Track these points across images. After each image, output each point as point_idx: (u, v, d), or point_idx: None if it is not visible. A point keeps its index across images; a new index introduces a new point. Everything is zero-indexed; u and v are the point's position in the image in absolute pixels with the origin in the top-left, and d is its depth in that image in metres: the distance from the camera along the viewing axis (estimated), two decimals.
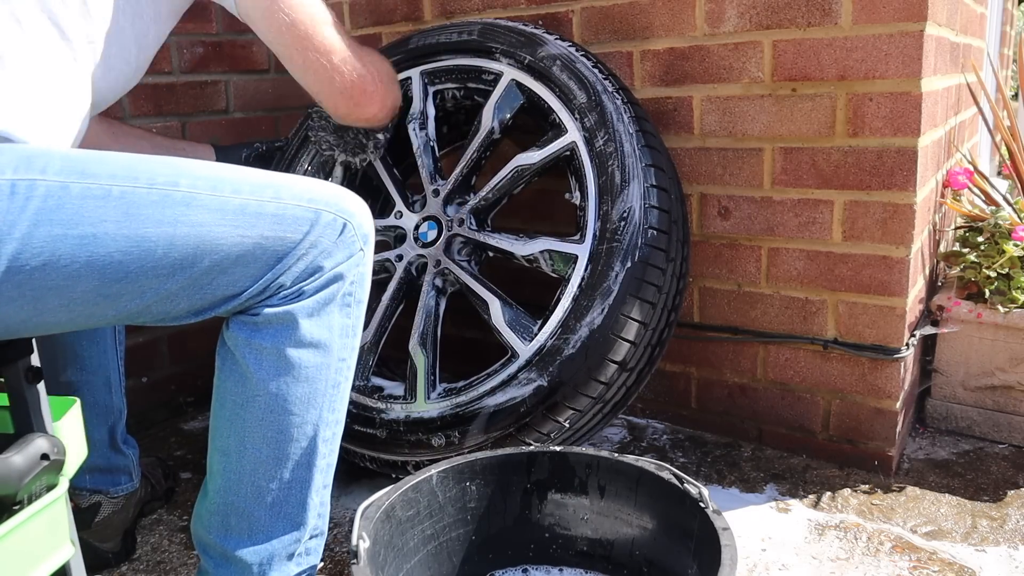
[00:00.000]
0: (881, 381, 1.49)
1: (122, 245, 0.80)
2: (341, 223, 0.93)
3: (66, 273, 0.78)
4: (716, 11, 1.51)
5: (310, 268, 0.92)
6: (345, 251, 0.94)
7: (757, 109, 1.51)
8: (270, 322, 0.91)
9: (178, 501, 1.49)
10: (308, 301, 0.92)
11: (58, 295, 0.79)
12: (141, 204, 0.81)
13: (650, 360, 1.39)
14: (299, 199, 0.91)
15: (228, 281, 0.88)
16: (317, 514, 1.01)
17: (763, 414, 1.63)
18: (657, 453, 1.62)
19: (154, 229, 0.82)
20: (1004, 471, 1.50)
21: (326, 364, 0.95)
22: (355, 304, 0.98)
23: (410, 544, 1.09)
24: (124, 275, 0.81)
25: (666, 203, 1.34)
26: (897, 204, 1.41)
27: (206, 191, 0.86)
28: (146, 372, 1.83)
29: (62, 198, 0.78)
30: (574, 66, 1.42)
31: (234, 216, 0.86)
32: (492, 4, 1.77)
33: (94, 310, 0.83)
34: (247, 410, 0.94)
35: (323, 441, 0.98)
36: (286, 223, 0.89)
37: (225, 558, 0.97)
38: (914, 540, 1.30)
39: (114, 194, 0.80)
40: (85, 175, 0.80)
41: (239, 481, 0.95)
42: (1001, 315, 1.56)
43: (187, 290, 0.86)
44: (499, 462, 1.15)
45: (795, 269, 1.53)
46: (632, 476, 1.12)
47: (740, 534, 1.32)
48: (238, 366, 0.93)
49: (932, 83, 1.43)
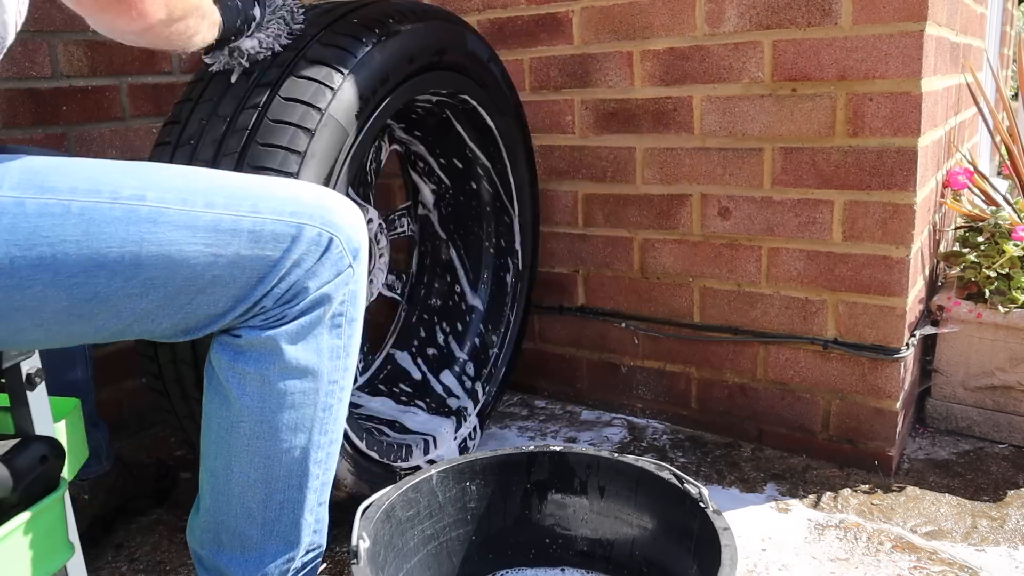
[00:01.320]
0: (881, 381, 1.49)
1: (85, 265, 0.74)
2: (327, 238, 0.86)
3: (30, 295, 0.73)
4: (716, 11, 1.51)
5: (293, 290, 0.85)
6: (331, 269, 0.87)
7: (757, 109, 1.51)
8: (253, 346, 0.86)
9: (178, 501, 1.49)
10: (291, 325, 0.86)
11: (28, 315, 0.74)
12: (102, 221, 0.75)
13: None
14: (279, 212, 0.84)
15: (208, 301, 0.82)
16: (312, 531, 0.97)
17: (763, 414, 1.63)
18: (657, 453, 1.62)
19: (117, 248, 0.75)
20: (1004, 471, 1.50)
21: (315, 389, 0.90)
22: (347, 324, 0.91)
23: (410, 544, 1.09)
24: (93, 295, 0.76)
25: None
26: (897, 204, 1.41)
27: (175, 205, 0.79)
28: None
29: (16, 216, 0.72)
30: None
31: (205, 233, 0.79)
32: (492, 4, 1.77)
33: (72, 329, 0.78)
34: (232, 434, 0.89)
35: (315, 463, 0.93)
36: (264, 240, 0.82)
37: (219, 571, 0.95)
38: (914, 540, 1.30)
39: (73, 210, 0.74)
40: (43, 189, 0.74)
41: (227, 502, 0.92)
42: (1001, 315, 1.56)
43: (164, 309, 0.81)
44: (499, 462, 1.15)
45: (795, 269, 1.53)
46: (632, 476, 1.12)
47: (740, 534, 1.32)
48: (222, 388, 0.88)
49: (932, 83, 1.43)
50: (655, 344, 1.73)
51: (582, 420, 1.79)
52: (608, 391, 1.82)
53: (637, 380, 1.78)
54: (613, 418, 1.79)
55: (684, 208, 1.63)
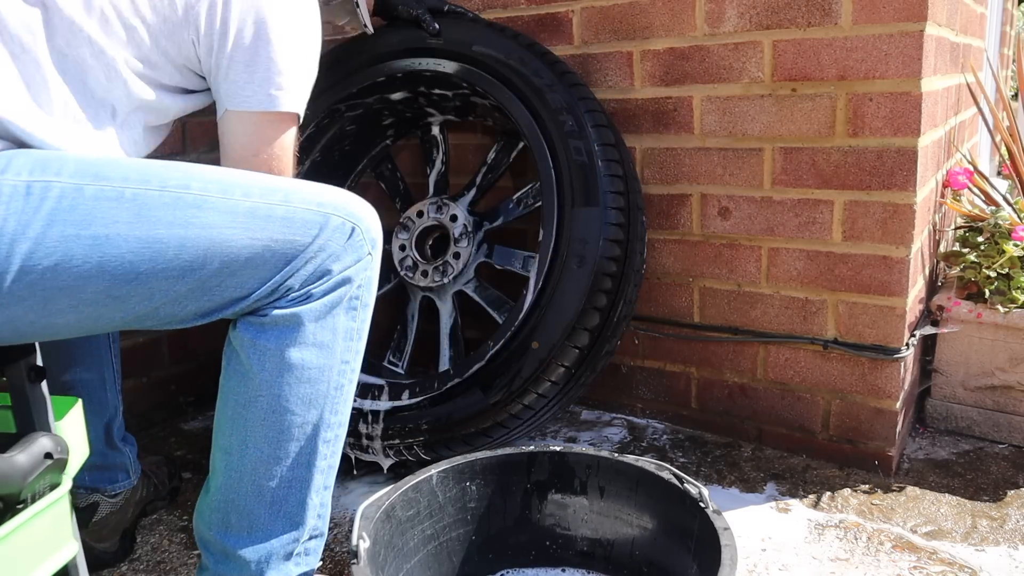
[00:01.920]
0: (881, 381, 1.49)
1: (133, 246, 0.82)
2: (350, 227, 0.94)
3: (77, 274, 0.80)
4: (716, 11, 1.51)
5: (319, 271, 0.93)
6: (354, 255, 0.95)
7: (757, 109, 1.51)
8: (276, 323, 0.92)
9: (178, 501, 1.49)
10: (315, 304, 0.93)
11: (68, 296, 0.80)
12: (153, 206, 0.83)
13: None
14: (308, 203, 0.92)
15: (236, 283, 0.89)
16: (317, 515, 1.01)
17: (763, 414, 1.63)
18: (657, 453, 1.62)
19: (165, 231, 0.83)
20: (1004, 471, 1.50)
21: (328, 366, 0.96)
22: (361, 308, 0.99)
23: (410, 544, 1.09)
24: (135, 276, 0.82)
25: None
26: (897, 204, 1.41)
27: (217, 194, 0.87)
28: (146, 372, 1.83)
29: (76, 199, 0.80)
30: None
31: (244, 219, 0.88)
32: (492, 4, 1.77)
33: (102, 312, 0.84)
34: (249, 409, 0.95)
35: (324, 442, 0.99)
36: (295, 226, 0.91)
37: (225, 555, 0.98)
38: (914, 540, 1.30)
39: (127, 196, 0.82)
40: (99, 177, 0.82)
41: (240, 479, 0.96)
42: (1001, 315, 1.56)
43: (195, 292, 0.87)
44: (499, 462, 1.15)
45: (795, 269, 1.53)
46: (632, 476, 1.12)
47: (740, 534, 1.32)
48: (242, 366, 0.94)
49: (932, 83, 1.43)
50: (655, 344, 1.73)
51: (582, 420, 1.79)
52: (608, 391, 1.82)
53: (637, 380, 1.78)
54: (613, 418, 1.79)
55: (684, 208, 1.63)
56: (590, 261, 1.35)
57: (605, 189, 1.37)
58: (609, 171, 1.39)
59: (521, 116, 1.45)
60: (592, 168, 1.38)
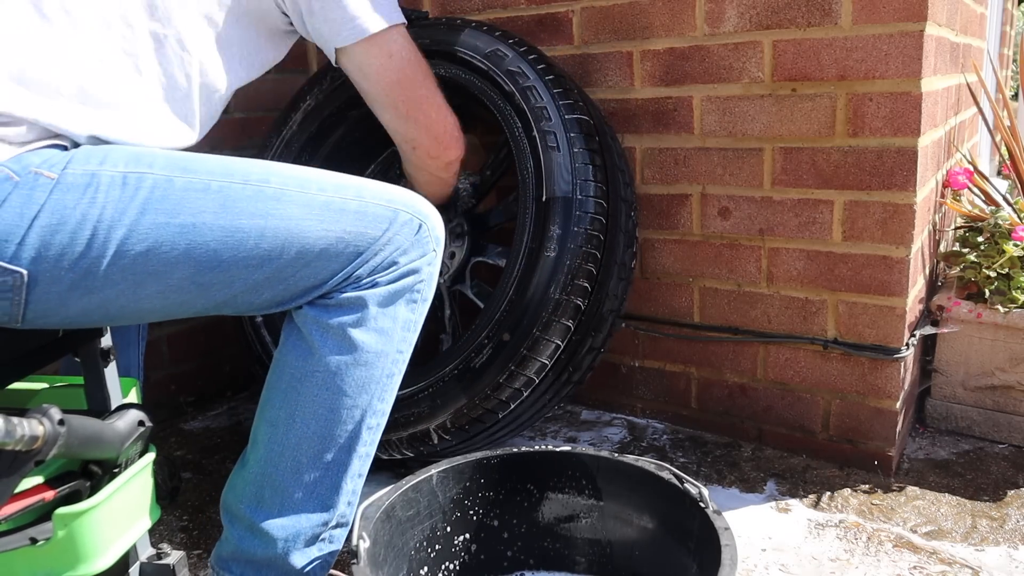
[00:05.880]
0: (881, 381, 1.49)
1: (218, 235, 0.87)
2: (417, 223, 0.99)
3: (166, 260, 0.85)
4: (716, 11, 1.51)
5: (386, 262, 0.97)
6: (420, 249, 1.00)
7: (757, 109, 1.51)
8: (341, 305, 0.96)
9: (178, 501, 1.49)
10: (381, 290, 0.97)
11: (156, 281, 0.86)
12: (237, 198, 0.89)
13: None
14: (379, 199, 0.97)
15: (310, 273, 0.93)
16: (347, 501, 1.03)
17: (763, 414, 1.63)
18: (657, 453, 1.62)
19: (247, 221, 0.88)
20: (1004, 471, 1.50)
21: (385, 352, 0.99)
22: (420, 301, 1.02)
23: (410, 544, 1.09)
24: (217, 264, 0.88)
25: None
26: (897, 204, 1.41)
27: (295, 188, 0.92)
28: (146, 372, 1.83)
29: (167, 190, 0.86)
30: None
31: (320, 212, 0.92)
32: (492, 4, 1.77)
33: (186, 298, 0.89)
34: (304, 384, 0.97)
35: (367, 428, 1.01)
36: (367, 220, 0.95)
37: (251, 530, 0.99)
38: (914, 540, 1.30)
39: (213, 188, 0.88)
40: (187, 171, 0.88)
41: (281, 454, 0.98)
42: (1001, 315, 1.56)
43: (272, 281, 0.92)
44: (500, 462, 1.15)
45: (795, 269, 1.53)
46: (632, 476, 1.12)
47: (740, 534, 1.32)
48: (303, 341, 0.97)
49: (932, 83, 1.43)
50: (655, 344, 1.73)
51: (582, 420, 1.79)
52: (608, 391, 1.82)
53: (637, 380, 1.78)
54: (613, 418, 1.79)
55: (684, 208, 1.63)
56: (564, 252, 1.34)
57: (581, 179, 1.37)
58: (586, 160, 1.39)
59: (499, 111, 1.45)
60: (568, 158, 1.38)
